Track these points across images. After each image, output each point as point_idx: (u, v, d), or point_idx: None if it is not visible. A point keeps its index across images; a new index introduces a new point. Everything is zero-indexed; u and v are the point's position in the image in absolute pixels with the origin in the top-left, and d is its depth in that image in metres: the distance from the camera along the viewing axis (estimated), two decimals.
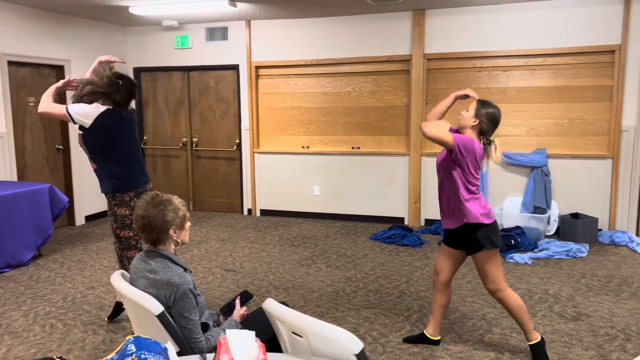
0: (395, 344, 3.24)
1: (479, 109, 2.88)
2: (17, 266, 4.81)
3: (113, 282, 2.19)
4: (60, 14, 6.15)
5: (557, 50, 5.64)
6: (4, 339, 3.35)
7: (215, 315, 2.43)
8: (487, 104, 2.90)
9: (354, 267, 4.78)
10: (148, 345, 1.48)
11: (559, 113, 5.78)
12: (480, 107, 2.88)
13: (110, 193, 3.29)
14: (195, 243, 5.65)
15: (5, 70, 5.48)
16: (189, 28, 6.95)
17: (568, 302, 3.89)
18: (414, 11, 6.03)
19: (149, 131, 7.46)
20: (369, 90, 6.44)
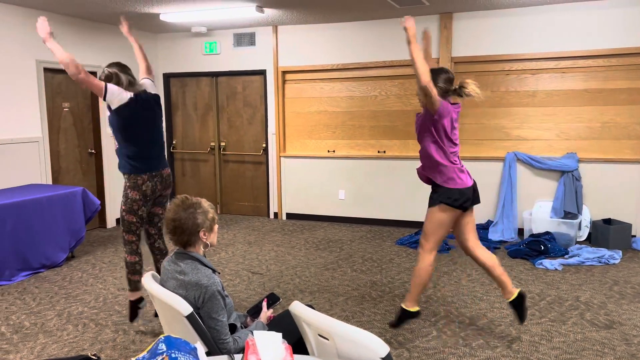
0: (421, 349, 3.22)
1: (434, 78, 3.10)
2: (51, 267, 4.96)
3: (144, 283, 2.25)
4: (94, 22, 6.33)
5: (589, 53, 5.52)
6: (38, 338, 3.46)
7: (242, 317, 2.47)
8: (435, 71, 3.17)
9: (379, 271, 4.76)
10: (178, 344, 1.51)
11: (590, 116, 5.65)
12: (432, 77, 3.07)
13: (126, 174, 3.37)
14: (223, 246, 5.72)
15: (41, 77, 5.66)
16: (217, 34, 7.06)
17: (600, 309, 3.80)
18: (441, 14, 5.99)
19: (178, 135, 7.60)
20: (396, 94, 6.42)
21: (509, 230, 5.82)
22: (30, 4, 5.30)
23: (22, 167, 5.49)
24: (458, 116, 3.29)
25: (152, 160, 3.41)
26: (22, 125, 5.50)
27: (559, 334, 3.40)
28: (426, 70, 2.98)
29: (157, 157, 3.46)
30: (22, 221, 4.67)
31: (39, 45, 5.64)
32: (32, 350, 3.28)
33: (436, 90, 3.07)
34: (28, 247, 4.73)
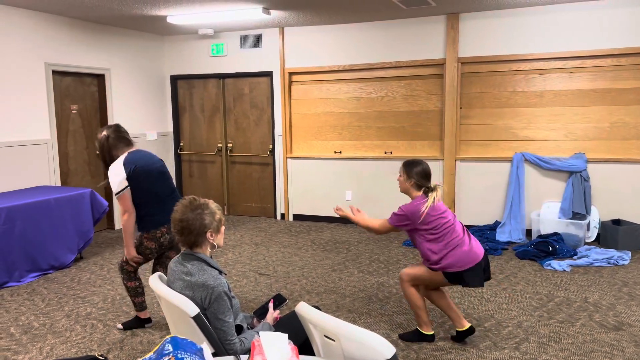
0: (428, 351, 3.21)
1: (408, 172, 3.22)
2: (60, 268, 5.00)
3: (151, 284, 2.26)
4: (102, 25, 6.37)
5: (597, 52, 5.49)
6: (47, 338, 3.48)
7: (249, 318, 2.47)
8: (410, 164, 3.23)
9: (386, 272, 4.76)
10: (184, 345, 1.52)
11: (598, 116, 5.61)
12: (407, 170, 3.23)
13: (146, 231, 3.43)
14: (230, 247, 5.73)
15: (50, 80, 5.71)
16: (224, 36, 7.09)
17: (609, 311, 3.77)
18: (448, 15, 5.98)
19: (185, 137, 7.63)
20: (402, 95, 6.42)
21: (516, 231, 5.79)
22: (40, 7, 5.35)
23: (31, 169, 5.54)
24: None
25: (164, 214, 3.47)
26: (31, 127, 5.55)
27: (568, 336, 3.38)
28: (372, 223, 3.29)
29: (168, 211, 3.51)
30: (31, 223, 4.71)
31: (47, 48, 5.68)
32: (40, 350, 3.31)
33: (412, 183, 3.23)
34: (37, 249, 4.77)
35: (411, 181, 3.22)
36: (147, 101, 7.17)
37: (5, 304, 4.12)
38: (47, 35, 5.67)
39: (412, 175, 3.22)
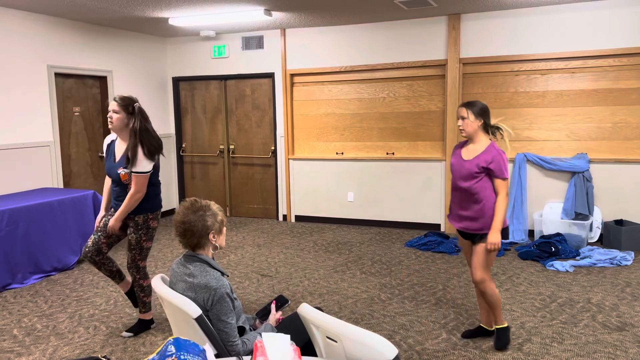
0: (431, 352, 3.21)
1: (474, 111, 3.05)
2: (62, 270, 5.01)
3: (154, 286, 2.26)
4: (104, 27, 6.39)
5: (599, 52, 5.48)
6: (50, 340, 3.49)
7: (251, 319, 2.47)
8: (473, 103, 3.07)
9: (389, 273, 4.75)
10: (187, 346, 1.52)
11: (601, 117, 5.61)
12: (473, 109, 3.06)
13: (152, 211, 3.45)
14: (232, 248, 5.74)
15: (52, 82, 5.73)
16: (226, 38, 7.10)
17: (612, 311, 3.76)
18: (449, 16, 5.98)
19: (187, 139, 7.64)
20: (404, 96, 6.42)
21: (519, 231, 5.78)
22: (42, 10, 5.37)
23: (33, 171, 5.55)
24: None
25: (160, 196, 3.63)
26: (34, 129, 5.56)
27: (571, 336, 3.37)
28: (502, 207, 3.02)
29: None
30: (34, 225, 4.72)
31: (50, 50, 5.70)
32: (43, 352, 3.31)
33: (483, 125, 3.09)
34: (40, 251, 4.78)
35: (480, 120, 3.05)
36: (149, 103, 7.18)
37: (9, 305, 4.13)
38: (49, 37, 5.69)
39: (481, 114, 3.04)
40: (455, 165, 3.16)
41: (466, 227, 3.14)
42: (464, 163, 3.10)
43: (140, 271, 3.51)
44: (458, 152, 3.20)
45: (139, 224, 3.41)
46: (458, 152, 3.20)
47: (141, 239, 3.43)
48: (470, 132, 3.08)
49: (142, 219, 3.41)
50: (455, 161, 3.16)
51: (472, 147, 3.13)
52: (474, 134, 3.09)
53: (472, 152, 3.12)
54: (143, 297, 3.58)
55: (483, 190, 3.06)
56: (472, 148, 3.13)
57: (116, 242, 3.53)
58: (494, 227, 3.00)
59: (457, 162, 3.15)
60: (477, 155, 3.07)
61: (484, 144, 3.09)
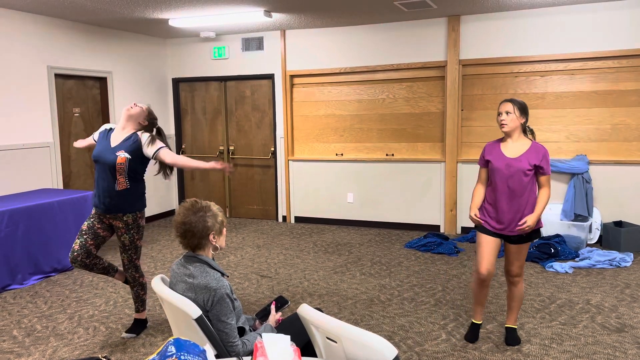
0: (430, 353, 3.21)
1: (519, 108, 3.06)
2: (62, 270, 5.01)
3: (154, 286, 2.27)
4: (104, 28, 6.40)
5: (598, 54, 5.50)
6: (50, 341, 3.49)
7: (251, 320, 2.48)
8: (517, 101, 3.09)
9: (388, 274, 4.76)
10: (188, 347, 1.52)
11: (600, 118, 5.62)
12: (518, 105, 3.06)
13: (140, 210, 3.44)
14: (232, 249, 5.74)
15: (52, 83, 5.73)
16: (226, 39, 7.11)
17: (611, 312, 3.76)
18: (449, 17, 5.99)
19: (187, 140, 7.65)
20: (404, 97, 6.43)
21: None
22: (42, 11, 5.37)
23: (33, 172, 5.55)
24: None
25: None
26: (34, 130, 5.56)
27: (570, 337, 3.38)
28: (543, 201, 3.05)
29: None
30: (33, 225, 4.72)
31: (50, 52, 5.71)
32: (43, 353, 3.31)
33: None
34: (40, 251, 4.78)
35: (523, 118, 3.06)
36: (149, 104, 7.19)
37: (8, 306, 4.13)
38: (49, 38, 5.70)
39: (525, 112, 3.06)
40: (500, 166, 3.08)
41: (517, 230, 3.06)
42: (512, 162, 3.05)
43: (138, 270, 3.54)
44: (497, 151, 3.13)
45: (130, 224, 3.39)
46: (498, 152, 3.13)
47: (134, 238, 3.43)
48: (513, 128, 3.06)
49: (131, 219, 3.39)
50: (500, 161, 3.09)
51: (513, 144, 3.10)
52: (515, 130, 3.07)
53: (516, 150, 3.08)
54: (143, 295, 3.60)
55: (532, 186, 3.07)
56: (514, 146, 3.09)
57: (102, 243, 3.46)
58: (536, 212, 3.01)
59: (502, 162, 3.08)
60: (525, 152, 3.05)
61: (527, 141, 3.09)
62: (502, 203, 3.10)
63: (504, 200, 3.09)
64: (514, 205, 3.07)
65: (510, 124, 3.05)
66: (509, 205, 3.08)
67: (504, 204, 3.09)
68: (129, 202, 3.36)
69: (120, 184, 3.30)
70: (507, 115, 3.05)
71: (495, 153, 3.13)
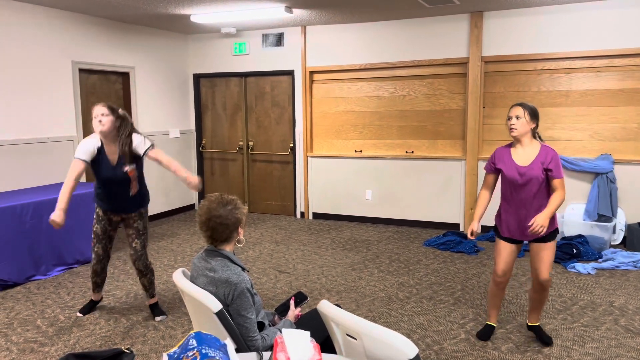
0: (449, 352, 3.19)
1: (529, 112, 3.00)
2: (84, 262, 5.09)
3: (175, 279, 2.29)
4: (127, 23, 6.47)
5: (625, 51, 5.37)
6: (72, 331, 3.55)
7: (270, 315, 2.49)
8: (528, 105, 3.02)
9: (407, 272, 4.73)
10: (208, 340, 1.53)
11: (626, 117, 5.50)
12: (529, 110, 3.00)
13: (148, 203, 3.76)
14: (250, 244, 5.77)
15: (76, 77, 5.82)
16: (246, 35, 7.13)
17: (635, 315, 3.69)
18: (472, 13, 5.92)
19: (207, 135, 7.70)
20: (424, 94, 6.37)
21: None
22: (66, 6, 5.45)
23: (57, 165, 5.65)
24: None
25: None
26: (58, 124, 5.66)
27: (592, 340, 3.32)
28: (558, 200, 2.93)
29: None
30: None
31: (74, 47, 5.79)
32: (66, 343, 3.38)
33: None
34: (63, 243, 4.87)
35: (533, 123, 3.00)
36: (171, 99, 7.26)
37: (32, 296, 4.22)
38: (73, 33, 5.78)
39: (536, 116, 3.00)
40: (513, 175, 3.02)
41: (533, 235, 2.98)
42: (525, 170, 2.99)
43: (148, 257, 3.78)
44: (508, 159, 3.06)
45: (143, 214, 3.70)
46: (509, 160, 3.06)
47: (146, 224, 3.73)
48: (522, 133, 3.00)
49: (144, 210, 3.72)
50: (512, 170, 3.03)
51: (523, 150, 3.04)
52: (525, 135, 3.01)
53: (526, 156, 3.02)
54: (154, 280, 3.85)
55: (546, 191, 3.02)
56: (524, 152, 3.04)
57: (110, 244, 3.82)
58: (546, 211, 2.88)
59: (514, 171, 3.02)
60: (535, 158, 2.99)
61: (536, 145, 3.03)
62: (518, 210, 3.06)
63: (519, 207, 3.05)
64: (530, 212, 3.03)
65: (520, 129, 2.99)
66: (526, 212, 3.04)
67: (521, 211, 3.05)
68: (140, 199, 3.68)
69: (134, 188, 3.60)
70: (517, 120, 2.99)
71: (506, 161, 3.07)
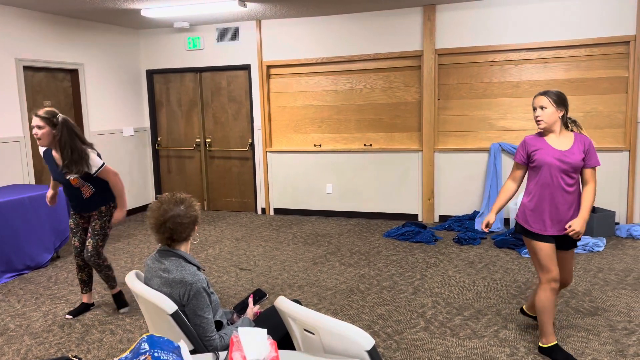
0: (409, 341, 3.24)
1: (556, 100, 2.76)
2: (35, 268, 4.90)
3: (128, 282, 2.23)
4: (74, 19, 6.23)
5: (571, 43, 5.57)
6: (24, 340, 3.42)
7: (229, 313, 2.46)
8: (552, 92, 2.78)
9: (367, 264, 4.78)
10: (161, 343, 1.50)
11: (573, 106, 5.70)
12: (553, 97, 2.76)
13: (114, 200, 3.69)
14: (210, 242, 5.69)
15: (21, 76, 5.57)
16: (200, 29, 6.99)
17: (585, 296, 3.84)
18: (425, 7, 5.99)
19: (163, 133, 7.53)
20: (381, 87, 6.42)
21: (495, 220, 5.86)
22: (10, 1, 5.20)
23: (3, 167, 5.41)
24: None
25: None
26: (3, 125, 5.41)
27: None
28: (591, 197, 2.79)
29: None
30: (5, 222, 4.60)
31: (18, 43, 5.54)
32: (17, 352, 3.24)
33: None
34: (12, 249, 4.66)
35: (562, 111, 2.76)
36: (123, 96, 7.05)
37: None
38: (17, 30, 5.53)
39: (563, 103, 2.75)
40: (552, 160, 2.77)
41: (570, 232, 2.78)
42: (566, 154, 2.76)
43: (101, 257, 3.67)
44: (544, 144, 2.81)
45: (103, 212, 3.63)
46: (545, 145, 2.80)
47: (105, 225, 3.63)
48: (550, 124, 2.77)
49: (104, 208, 3.63)
50: (550, 155, 2.78)
51: (558, 139, 2.81)
52: (554, 125, 2.79)
53: (563, 143, 2.80)
54: (112, 274, 3.78)
55: (579, 182, 2.84)
56: (558, 140, 2.81)
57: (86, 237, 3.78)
58: (582, 216, 2.75)
59: (553, 156, 2.77)
60: (573, 145, 2.78)
61: (570, 134, 2.82)
62: (557, 199, 2.80)
63: (559, 197, 2.79)
64: (570, 205, 2.82)
65: (547, 119, 2.76)
66: (564, 201, 2.80)
67: (560, 200, 2.80)
68: (100, 199, 3.62)
69: (86, 192, 3.55)
70: (543, 111, 2.76)
71: (542, 146, 2.81)
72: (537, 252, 2.87)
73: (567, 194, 2.81)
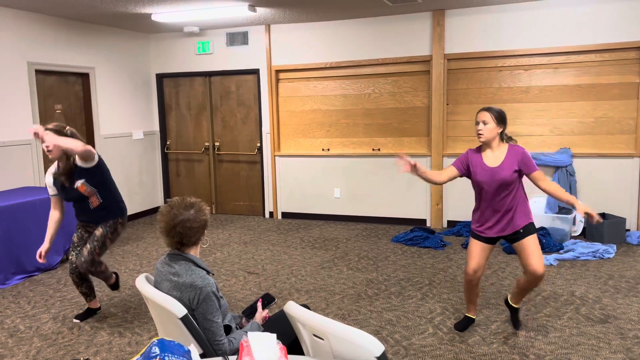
0: (418, 347, 3.22)
1: (497, 117, 3.04)
2: (46, 270, 4.94)
3: (138, 285, 2.24)
4: (86, 23, 6.29)
5: (582, 48, 5.54)
6: (33, 341, 3.44)
7: (237, 317, 2.46)
8: (494, 109, 3.05)
9: (375, 269, 4.77)
10: (172, 347, 1.50)
11: (583, 111, 5.67)
12: (495, 114, 3.03)
13: (122, 216, 3.65)
14: (218, 246, 5.71)
15: (33, 79, 5.63)
16: (210, 34, 7.04)
17: (595, 304, 3.81)
18: (434, 11, 5.99)
19: (172, 136, 7.58)
20: (389, 92, 6.42)
21: None
22: (22, 5, 5.26)
23: (14, 170, 5.46)
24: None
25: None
26: (15, 127, 5.46)
27: (555, 329, 3.41)
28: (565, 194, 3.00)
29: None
30: (15, 224, 4.64)
31: (30, 47, 5.60)
32: (27, 354, 3.26)
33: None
34: (22, 251, 4.70)
35: (501, 127, 3.03)
36: (133, 100, 7.10)
37: None
38: (29, 34, 5.59)
39: (502, 121, 3.03)
40: (484, 177, 3.07)
41: (509, 230, 3.10)
42: (496, 170, 3.04)
43: (94, 264, 3.53)
44: (479, 162, 3.11)
45: (109, 224, 3.58)
46: (479, 163, 3.10)
47: (107, 235, 3.56)
48: (490, 138, 3.05)
49: (111, 222, 3.60)
50: (483, 173, 3.07)
51: (492, 154, 3.08)
52: (493, 140, 3.06)
53: (496, 158, 3.07)
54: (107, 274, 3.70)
55: (517, 190, 3.08)
56: (493, 155, 3.08)
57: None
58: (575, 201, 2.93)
59: (485, 173, 3.07)
60: (504, 159, 3.04)
61: (504, 147, 3.08)
62: (491, 214, 3.12)
63: (493, 211, 3.11)
64: (506, 212, 3.09)
65: (487, 134, 3.03)
66: (502, 214, 3.10)
67: (493, 215, 3.11)
68: (108, 211, 3.58)
69: (93, 202, 3.52)
70: (485, 125, 3.03)
71: (477, 164, 3.11)
72: (469, 245, 3.26)
73: (504, 201, 3.09)
